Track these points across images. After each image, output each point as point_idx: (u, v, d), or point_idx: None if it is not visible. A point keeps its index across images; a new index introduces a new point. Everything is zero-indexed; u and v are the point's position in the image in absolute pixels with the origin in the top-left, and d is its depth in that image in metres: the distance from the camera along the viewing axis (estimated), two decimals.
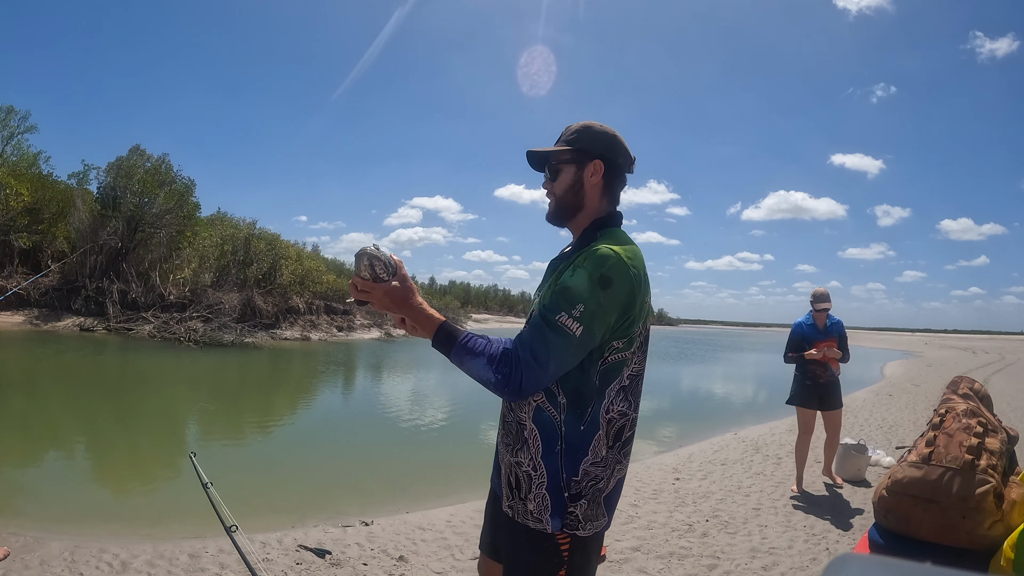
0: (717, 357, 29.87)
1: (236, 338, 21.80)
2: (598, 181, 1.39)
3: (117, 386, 11.23)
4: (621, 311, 1.27)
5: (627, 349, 1.31)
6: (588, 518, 1.30)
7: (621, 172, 1.43)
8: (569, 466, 1.29)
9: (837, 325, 4.67)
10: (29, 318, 22.53)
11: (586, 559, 1.34)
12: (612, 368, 1.30)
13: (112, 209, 26.09)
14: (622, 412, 1.32)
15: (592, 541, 1.34)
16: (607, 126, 1.43)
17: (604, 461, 1.30)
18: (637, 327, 1.31)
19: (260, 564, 2.91)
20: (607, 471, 1.31)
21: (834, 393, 4.69)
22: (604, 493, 1.32)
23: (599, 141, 1.40)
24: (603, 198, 1.41)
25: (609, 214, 1.42)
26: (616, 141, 1.41)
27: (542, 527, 1.30)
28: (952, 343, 63.01)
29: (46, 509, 4.19)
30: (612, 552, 3.37)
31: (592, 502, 1.30)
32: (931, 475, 1.90)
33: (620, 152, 1.41)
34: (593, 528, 1.32)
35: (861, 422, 8.20)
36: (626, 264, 1.26)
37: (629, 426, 1.34)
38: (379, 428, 8.11)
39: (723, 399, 13.28)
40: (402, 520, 3.92)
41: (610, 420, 1.30)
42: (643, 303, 1.32)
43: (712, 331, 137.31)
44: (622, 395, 1.32)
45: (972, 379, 2.46)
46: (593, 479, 1.30)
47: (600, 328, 1.25)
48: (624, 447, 1.34)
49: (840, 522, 4.03)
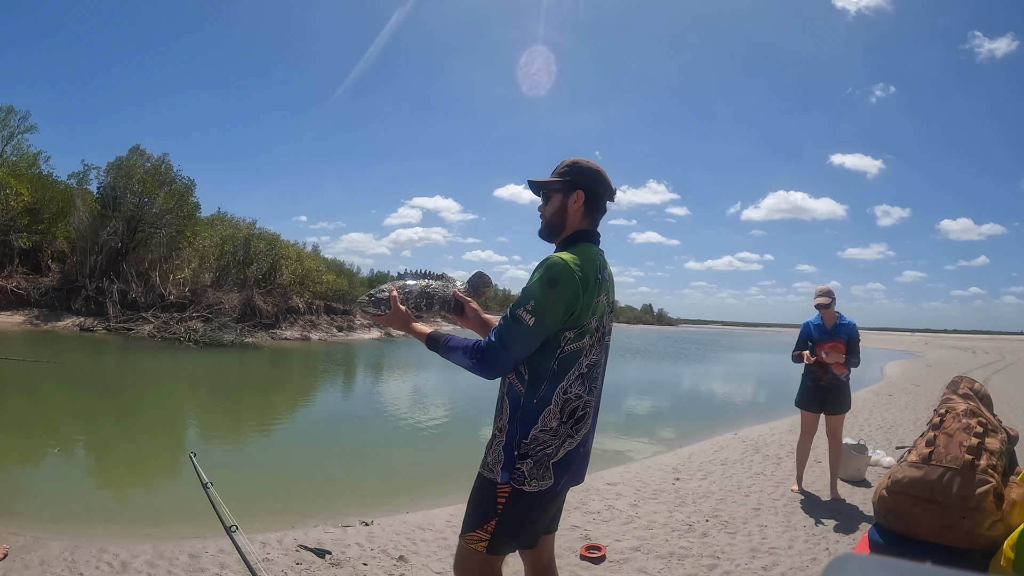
0: (717, 357, 29.87)
1: (236, 338, 21.80)
2: (579, 207, 1.70)
3: (117, 386, 11.24)
4: (567, 307, 1.56)
5: (579, 340, 1.59)
6: (533, 476, 1.57)
7: (601, 200, 1.73)
8: (522, 431, 1.58)
9: (846, 327, 4.41)
10: (29, 318, 22.54)
11: (522, 516, 1.60)
12: (570, 356, 1.59)
13: (112, 209, 26.10)
14: (578, 395, 1.61)
15: (536, 501, 1.60)
16: (593, 162, 1.74)
17: (554, 432, 1.59)
18: (585, 321, 1.59)
19: (260, 564, 2.91)
20: (556, 440, 1.59)
21: (838, 397, 4.49)
22: (552, 459, 1.59)
23: (583, 175, 1.71)
24: (583, 220, 1.72)
25: (584, 231, 1.72)
26: (599, 175, 1.72)
27: (492, 477, 1.61)
28: (952, 343, 63.04)
29: (46, 509, 4.19)
30: (612, 552, 3.37)
31: (539, 464, 1.58)
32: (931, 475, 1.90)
33: (601, 184, 1.71)
34: (538, 486, 1.58)
35: (861, 422, 8.20)
36: (572, 268, 1.56)
37: (582, 407, 1.62)
38: (379, 428, 8.11)
39: (723, 399, 13.27)
40: (402, 520, 3.92)
41: (567, 400, 1.59)
42: (592, 301, 1.60)
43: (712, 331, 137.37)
44: (580, 381, 1.61)
45: (972, 379, 2.46)
46: (541, 444, 1.58)
47: (550, 320, 1.55)
48: (576, 424, 1.62)
49: (840, 522, 4.03)
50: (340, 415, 9.53)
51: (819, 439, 4.80)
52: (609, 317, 1.70)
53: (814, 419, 4.63)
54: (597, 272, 1.62)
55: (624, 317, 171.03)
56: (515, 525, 1.61)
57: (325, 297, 31.18)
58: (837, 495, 4.61)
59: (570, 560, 3.25)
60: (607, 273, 1.70)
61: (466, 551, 1.65)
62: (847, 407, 4.59)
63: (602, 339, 1.66)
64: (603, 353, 1.69)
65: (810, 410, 4.60)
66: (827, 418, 4.59)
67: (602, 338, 1.66)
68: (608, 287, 1.69)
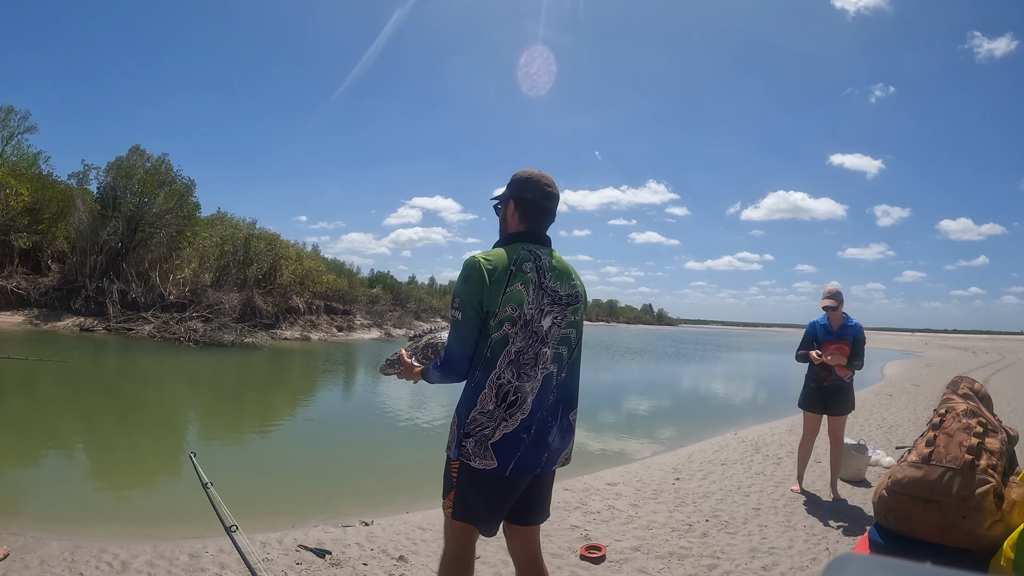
0: (717, 357, 29.87)
1: (236, 338, 21.79)
2: (513, 213, 1.91)
3: (117, 386, 11.24)
4: (480, 297, 1.74)
5: (500, 328, 1.75)
6: (476, 454, 1.75)
7: (531, 203, 1.90)
8: (465, 412, 1.79)
9: (853, 329, 4.37)
10: (29, 318, 22.53)
11: (472, 489, 1.79)
12: (498, 344, 1.76)
13: (112, 209, 26.08)
14: (508, 380, 1.75)
15: (482, 478, 1.76)
16: (527, 171, 1.94)
17: (490, 414, 1.75)
18: (498, 309, 1.74)
19: (260, 564, 2.91)
20: (492, 422, 1.75)
21: (841, 398, 4.47)
22: (490, 440, 1.75)
23: (512, 186, 1.93)
24: (519, 224, 1.91)
25: (516, 234, 1.90)
26: (526, 181, 1.91)
27: (449, 454, 1.83)
28: (952, 343, 63.04)
29: (46, 509, 4.19)
30: (612, 552, 3.37)
31: (479, 444, 1.75)
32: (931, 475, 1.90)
33: (528, 188, 1.90)
34: (482, 464, 1.75)
35: (861, 422, 8.19)
36: (480, 263, 1.76)
37: (514, 392, 1.76)
38: (379, 427, 8.11)
39: (723, 399, 13.27)
40: (402, 520, 3.92)
41: (500, 385, 1.75)
42: (502, 291, 1.74)
43: (712, 331, 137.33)
44: (510, 367, 1.76)
45: (972, 379, 2.46)
46: (480, 425, 1.76)
47: (470, 311, 1.75)
48: (509, 408, 1.75)
49: (840, 522, 4.03)
50: (340, 415, 9.52)
51: (819, 439, 4.80)
52: (544, 307, 1.80)
53: (817, 420, 4.61)
54: (509, 265, 1.77)
55: (624, 317, 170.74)
56: (468, 497, 1.80)
57: (325, 297, 31.17)
58: (837, 495, 4.61)
59: (570, 560, 3.25)
60: (534, 266, 1.81)
61: (445, 516, 1.89)
62: (850, 408, 4.56)
63: (527, 326, 1.77)
64: (536, 341, 1.78)
65: (813, 411, 4.58)
66: (829, 419, 4.56)
67: (527, 325, 1.76)
68: (532, 279, 1.79)
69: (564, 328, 1.85)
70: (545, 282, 1.82)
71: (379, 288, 39.75)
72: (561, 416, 1.86)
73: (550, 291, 1.82)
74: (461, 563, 1.88)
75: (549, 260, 1.85)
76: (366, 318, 33.12)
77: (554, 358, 1.82)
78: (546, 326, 1.80)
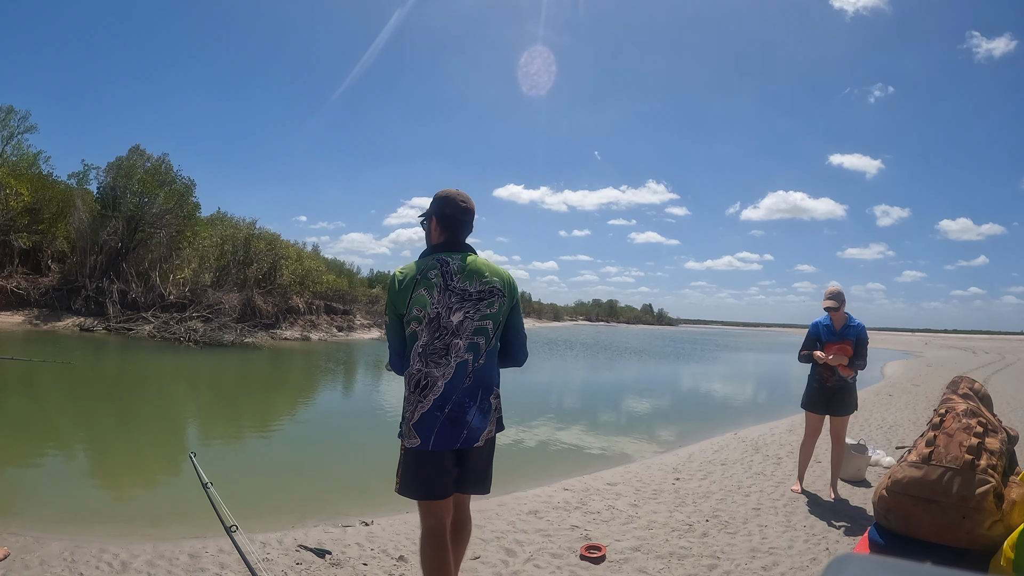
0: (717, 357, 29.86)
1: (236, 338, 21.80)
2: (435, 228, 2.21)
3: (117, 386, 11.24)
4: (394, 303, 2.10)
5: (408, 326, 2.08)
6: (406, 435, 2.09)
7: (449, 218, 2.17)
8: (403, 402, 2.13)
9: (855, 329, 4.38)
10: (29, 318, 22.54)
11: (408, 466, 2.10)
12: (410, 339, 2.09)
13: (112, 209, 26.09)
14: (419, 369, 2.06)
15: (413, 456, 2.08)
16: (446, 190, 2.22)
17: (408, 399, 2.09)
18: (406, 311, 2.07)
19: (260, 564, 2.91)
20: (411, 407, 2.07)
21: (843, 399, 4.46)
22: (411, 421, 2.06)
23: (435, 204, 2.22)
24: (440, 236, 2.20)
25: (434, 245, 2.19)
26: (446, 200, 2.19)
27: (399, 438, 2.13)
28: (952, 343, 63.02)
29: (46, 509, 4.19)
30: (612, 552, 3.37)
31: (406, 424, 2.09)
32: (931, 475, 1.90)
33: (447, 206, 2.18)
34: (411, 443, 2.06)
35: (861, 422, 8.19)
36: (395, 277, 2.12)
37: (424, 378, 2.05)
38: (379, 427, 8.10)
39: (723, 399, 13.27)
40: (402, 520, 3.92)
41: (411, 374, 2.08)
42: (409, 296, 2.05)
43: (712, 331, 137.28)
44: (420, 358, 2.06)
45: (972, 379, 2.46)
46: (405, 410, 2.11)
47: (391, 315, 2.14)
48: (422, 391, 2.05)
49: (840, 522, 4.03)
50: (340, 415, 9.52)
51: (820, 438, 4.79)
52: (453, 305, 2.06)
53: (819, 420, 4.60)
54: (416, 274, 2.08)
55: (624, 317, 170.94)
56: (408, 474, 2.11)
57: (325, 297, 31.19)
58: (837, 495, 4.61)
59: (570, 560, 3.25)
60: (440, 272, 2.08)
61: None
62: (853, 409, 4.55)
63: (432, 323, 2.05)
64: (446, 334, 2.05)
65: (815, 412, 4.57)
66: (832, 419, 4.56)
67: (432, 322, 2.05)
68: (436, 283, 2.06)
69: (478, 320, 2.08)
70: (452, 283, 2.07)
71: (379, 288, 39.76)
72: (481, 398, 2.09)
73: (458, 291, 2.07)
74: (434, 538, 2.13)
75: (459, 264, 2.10)
76: (366, 318, 33.11)
77: (468, 347, 2.06)
78: (455, 321, 2.05)
